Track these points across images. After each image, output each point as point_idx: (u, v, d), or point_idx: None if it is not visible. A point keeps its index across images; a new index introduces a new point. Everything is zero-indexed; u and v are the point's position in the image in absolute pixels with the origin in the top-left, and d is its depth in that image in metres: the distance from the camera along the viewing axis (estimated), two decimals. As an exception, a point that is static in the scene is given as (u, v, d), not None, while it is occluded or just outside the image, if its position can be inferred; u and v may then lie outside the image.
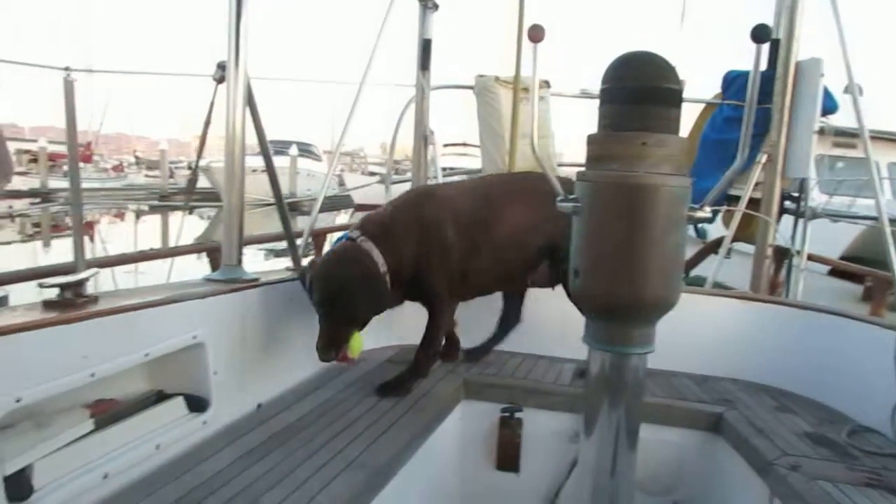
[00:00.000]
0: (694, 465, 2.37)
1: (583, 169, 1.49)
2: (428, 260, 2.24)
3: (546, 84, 5.21)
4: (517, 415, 2.44)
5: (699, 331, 2.80)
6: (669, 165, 1.41)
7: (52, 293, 1.51)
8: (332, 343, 1.95)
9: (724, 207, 3.93)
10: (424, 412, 2.12)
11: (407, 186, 4.26)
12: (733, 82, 4.13)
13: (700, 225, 5.23)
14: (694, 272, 4.51)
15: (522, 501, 2.50)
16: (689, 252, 4.65)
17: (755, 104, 1.50)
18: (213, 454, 1.70)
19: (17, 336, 1.29)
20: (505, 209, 2.39)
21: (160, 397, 1.76)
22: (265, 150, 2.82)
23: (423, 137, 3.96)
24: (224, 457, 1.68)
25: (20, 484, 1.32)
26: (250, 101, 2.64)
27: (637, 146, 1.40)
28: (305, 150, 26.56)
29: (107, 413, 1.58)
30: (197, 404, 1.82)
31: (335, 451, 1.76)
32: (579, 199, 1.49)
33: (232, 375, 1.92)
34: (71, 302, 1.52)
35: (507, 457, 2.47)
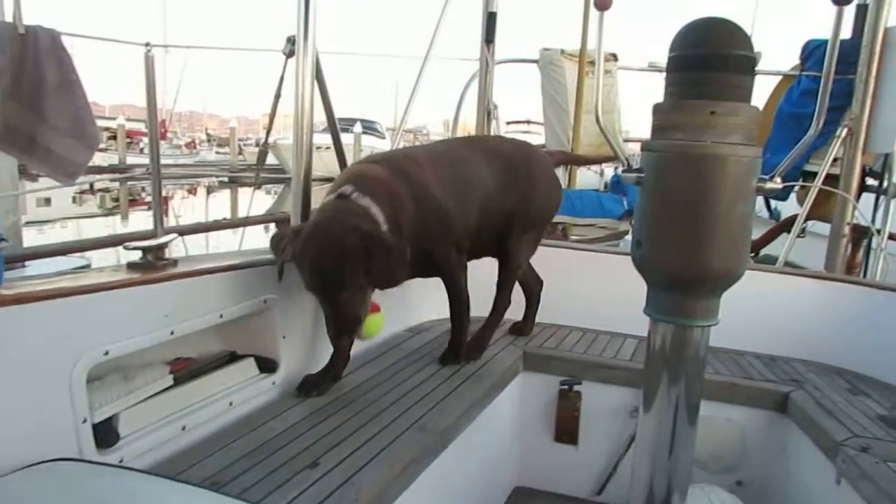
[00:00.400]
0: (758, 444, 2.33)
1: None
2: (432, 226, 1.99)
3: (613, 57, 5.11)
4: (576, 388, 2.45)
5: (769, 310, 2.74)
6: (739, 135, 1.38)
7: (135, 256, 1.61)
8: (343, 330, 1.69)
9: (800, 183, 3.78)
10: (484, 381, 2.16)
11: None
12: (813, 52, 3.93)
13: (774, 206, 5.06)
14: (766, 252, 4.38)
15: (580, 474, 2.52)
16: (761, 231, 4.51)
17: (832, 73, 1.44)
18: (282, 412, 1.78)
19: (106, 294, 1.39)
20: (477, 171, 2.23)
21: (233, 358, 1.85)
22: (332, 122, 2.90)
23: (486, 112, 3.96)
24: (292, 415, 1.76)
25: (108, 432, 1.42)
26: (319, 76, 2.70)
27: (705, 115, 1.37)
28: (370, 128, 26.86)
29: (184, 370, 1.68)
30: (267, 365, 1.90)
31: (398, 413, 1.82)
32: (643, 170, 1.48)
33: (299, 339, 2.00)
34: (152, 264, 1.61)
35: (566, 429, 2.48)
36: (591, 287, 2.88)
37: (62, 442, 1.29)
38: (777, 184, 1.44)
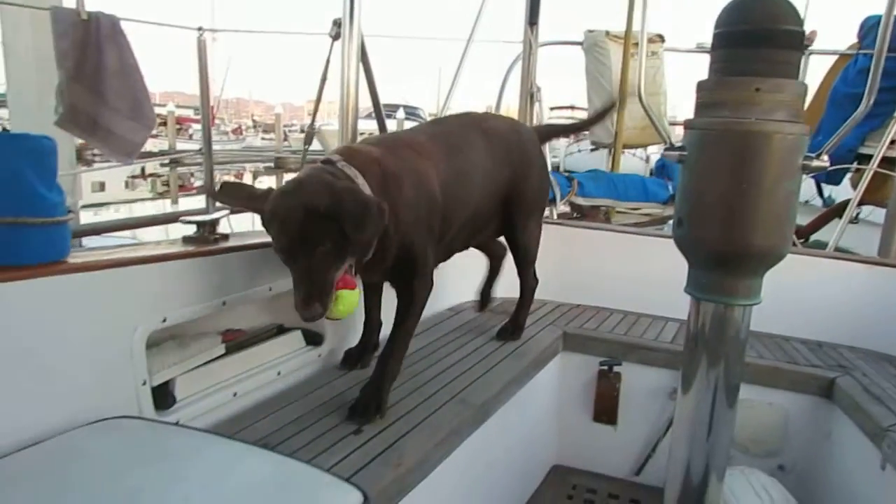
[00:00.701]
0: (801, 429, 2.31)
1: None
2: (419, 217, 1.73)
3: (660, 38, 5.03)
4: (616, 369, 2.46)
5: (817, 296, 2.70)
6: (784, 112, 1.37)
7: (190, 230, 1.68)
8: (312, 296, 1.39)
9: (852, 166, 3.68)
10: (523, 359, 2.19)
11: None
12: (871, 30, 3.79)
13: (828, 194, 4.94)
14: (817, 239, 4.27)
15: (618, 454, 2.53)
16: (812, 216, 4.40)
17: (885, 51, 1.42)
18: (328, 382, 1.84)
19: (164, 265, 1.46)
20: (477, 156, 2.05)
21: (280, 330, 1.92)
22: (377, 104, 2.94)
23: (529, 95, 3.95)
24: (337, 385, 1.83)
25: (165, 395, 1.50)
26: (364, 58, 2.75)
27: (749, 91, 1.36)
28: (412, 114, 26.85)
29: (235, 340, 1.75)
30: (313, 339, 1.97)
31: (439, 386, 1.87)
32: (686, 148, 1.48)
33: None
34: (205, 238, 1.68)
35: (605, 409, 2.50)
36: (634, 270, 2.88)
37: (124, 402, 1.37)
38: (824, 161, 1.42)
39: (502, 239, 2.42)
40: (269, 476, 1.08)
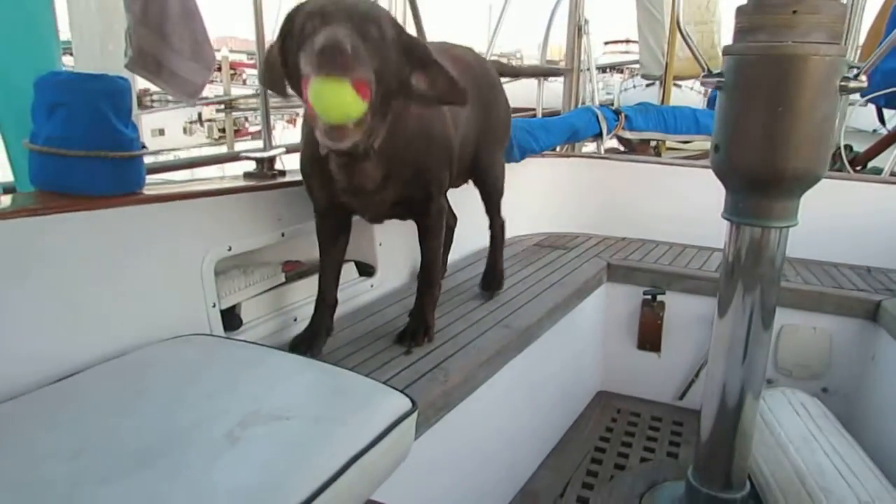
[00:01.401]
0: (847, 352, 2.33)
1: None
2: (441, 136, 1.67)
3: (715, -35, 4.85)
4: (659, 298, 2.51)
5: (868, 221, 2.68)
6: (822, 33, 1.37)
7: (251, 166, 1.80)
8: (349, 55, 1.12)
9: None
10: (566, 289, 2.26)
11: (559, 83, 4.26)
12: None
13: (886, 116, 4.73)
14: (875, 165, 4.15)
15: (662, 380, 2.61)
16: (870, 143, 4.26)
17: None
18: (380, 310, 1.97)
19: (229, 197, 1.59)
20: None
21: (335, 262, 2.05)
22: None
23: (576, 28, 3.89)
24: (389, 312, 1.95)
25: (233, 317, 1.64)
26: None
27: (787, 14, 1.37)
28: (462, 54, 26.42)
29: (294, 270, 1.88)
30: (365, 270, 2.09)
31: (484, 314, 1.97)
32: (724, 74, 1.50)
33: (395, 247, 2.16)
34: (265, 174, 1.80)
35: (649, 338, 2.57)
36: (679, 202, 2.89)
37: (196, 322, 1.52)
38: (862, 82, 1.43)
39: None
40: (328, 382, 1.21)
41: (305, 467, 0.92)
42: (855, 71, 1.44)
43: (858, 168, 4.04)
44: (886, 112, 4.13)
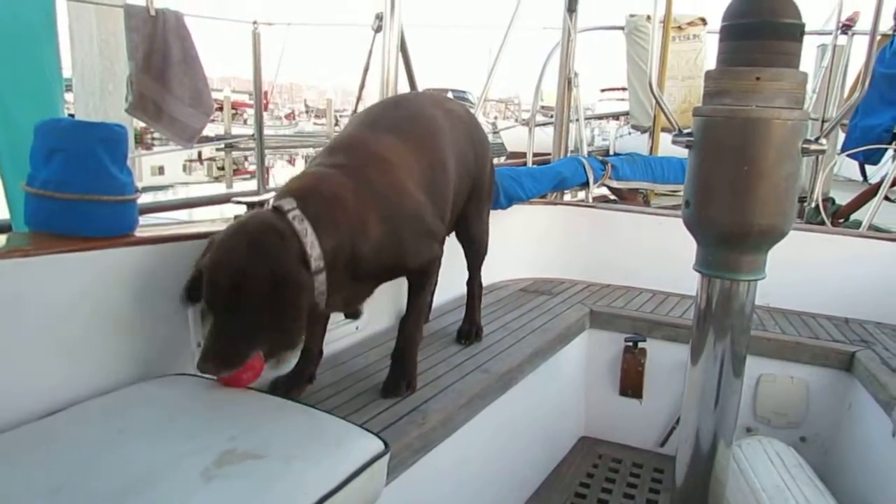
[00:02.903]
0: (823, 402, 2.37)
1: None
2: (406, 237, 1.61)
3: (702, 21, 5.01)
4: (640, 344, 2.56)
5: (847, 273, 2.75)
6: (784, 99, 1.45)
7: (241, 210, 1.86)
8: (222, 359, 1.28)
9: (892, 146, 3.65)
10: (548, 334, 2.31)
11: (549, 131, 4.38)
12: (909, 13, 3.75)
13: (868, 174, 4.86)
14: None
15: (644, 426, 2.64)
16: (850, 196, 4.37)
17: (877, 33, 1.47)
18: (363, 353, 2.01)
19: None
20: (442, 139, 1.82)
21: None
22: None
23: (566, 80, 4.02)
24: (372, 355, 1.99)
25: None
26: (404, 50, 2.89)
27: (751, 80, 1.46)
28: (461, 98, 26.91)
29: (281, 311, 1.93)
30: (351, 313, 2.13)
31: (465, 357, 2.01)
32: (693, 134, 1.57)
33: (382, 288, 2.21)
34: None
35: (630, 384, 2.61)
36: (661, 250, 2.96)
37: (182, 362, 1.56)
38: (822, 145, 1.51)
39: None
40: (303, 423, 1.24)
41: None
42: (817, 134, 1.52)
43: (840, 221, 4.15)
44: (869, 168, 4.26)
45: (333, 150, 1.63)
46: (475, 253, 2.17)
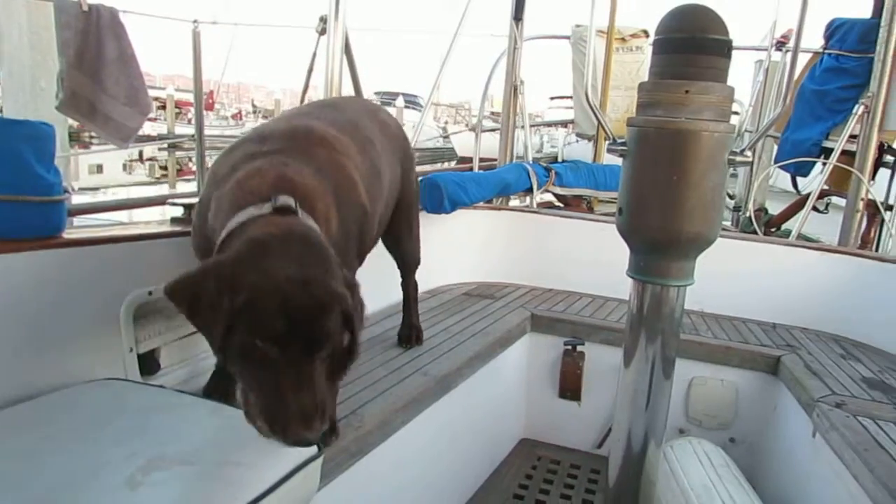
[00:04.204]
0: (750, 404, 2.47)
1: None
2: (350, 241, 1.46)
3: (644, 34, 5.15)
4: (579, 348, 2.61)
5: (776, 281, 2.86)
6: (712, 112, 1.51)
7: (178, 212, 1.83)
8: (322, 413, 1.02)
9: (820, 160, 3.84)
10: (489, 338, 2.34)
11: (496, 136, 4.43)
12: (836, 31, 3.95)
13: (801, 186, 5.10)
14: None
15: (582, 428, 2.69)
16: (784, 206, 4.56)
17: (798, 51, 1.56)
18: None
19: (153, 242, 1.61)
20: (378, 147, 1.72)
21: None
22: (359, 95, 3.07)
23: (512, 88, 4.08)
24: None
25: (150, 361, 1.65)
26: (348, 53, 2.88)
27: (680, 93, 1.51)
28: (411, 102, 26.93)
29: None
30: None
31: (405, 361, 2.02)
32: (627, 144, 1.63)
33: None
34: (192, 220, 1.83)
35: (569, 386, 2.65)
36: (602, 256, 3.02)
37: (113, 366, 1.51)
38: (747, 157, 1.58)
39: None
40: (236, 427, 1.23)
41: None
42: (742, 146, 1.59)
43: (773, 230, 4.33)
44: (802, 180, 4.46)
45: (268, 139, 1.41)
46: (408, 267, 2.18)
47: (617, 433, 1.80)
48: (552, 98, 22.16)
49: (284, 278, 1.02)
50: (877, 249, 3.73)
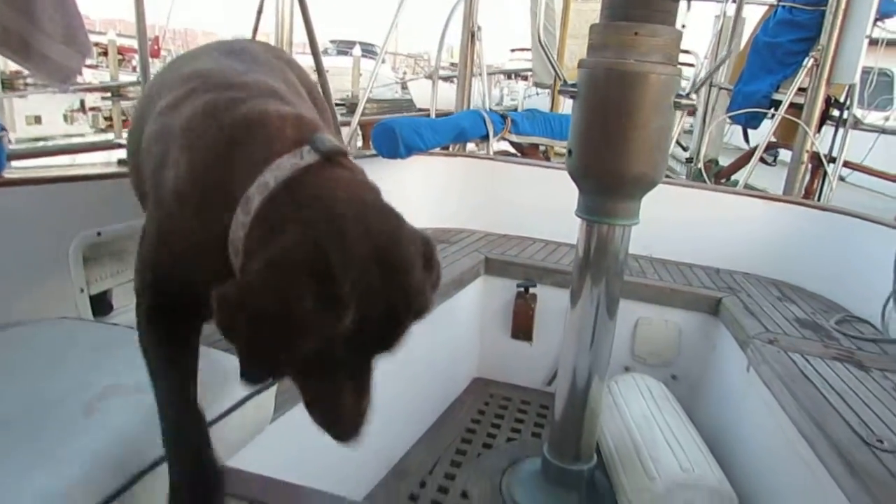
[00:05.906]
0: (692, 342, 2.59)
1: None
2: None
3: (601, -19, 5.16)
4: (531, 290, 2.69)
5: (721, 228, 2.97)
6: (659, 55, 1.55)
7: (123, 153, 1.79)
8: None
9: (770, 111, 3.94)
10: (444, 280, 2.37)
11: (453, 85, 4.40)
12: (789, -16, 4.01)
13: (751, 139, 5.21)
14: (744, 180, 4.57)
15: (533, 367, 2.79)
16: (733, 158, 4.69)
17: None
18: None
19: (99, 182, 1.59)
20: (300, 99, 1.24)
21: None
22: (313, 43, 3.00)
23: (469, 34, 4.04)
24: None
25: (102, 303, 1.64)
26: (300, -4, 2.81)
27: (630, 35, 1.54)
28: (368, 51, 26.32)
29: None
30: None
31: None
32: (577, 86, 1.65)
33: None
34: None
35: (522, 327, 2.74)
36: (557, 202, 3.07)
37: (64, 307, 1.51)
38: (692, 100, 1.62)
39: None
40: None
41: (158, 433, 0.97)
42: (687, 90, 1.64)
43: (723, 181, 4.44)
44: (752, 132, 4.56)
45: (228, 87, 1.01)
46: None
47: (563, 369, 1.88)
48: (513, 50, 21.93)
49: (397, 285, 0.79)
50: (819, 200, 3.88)
